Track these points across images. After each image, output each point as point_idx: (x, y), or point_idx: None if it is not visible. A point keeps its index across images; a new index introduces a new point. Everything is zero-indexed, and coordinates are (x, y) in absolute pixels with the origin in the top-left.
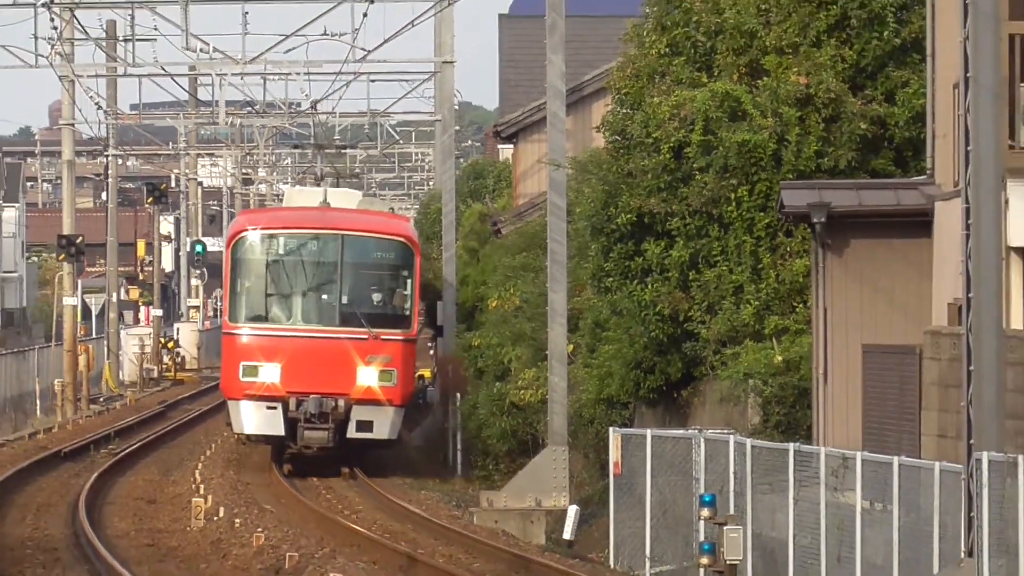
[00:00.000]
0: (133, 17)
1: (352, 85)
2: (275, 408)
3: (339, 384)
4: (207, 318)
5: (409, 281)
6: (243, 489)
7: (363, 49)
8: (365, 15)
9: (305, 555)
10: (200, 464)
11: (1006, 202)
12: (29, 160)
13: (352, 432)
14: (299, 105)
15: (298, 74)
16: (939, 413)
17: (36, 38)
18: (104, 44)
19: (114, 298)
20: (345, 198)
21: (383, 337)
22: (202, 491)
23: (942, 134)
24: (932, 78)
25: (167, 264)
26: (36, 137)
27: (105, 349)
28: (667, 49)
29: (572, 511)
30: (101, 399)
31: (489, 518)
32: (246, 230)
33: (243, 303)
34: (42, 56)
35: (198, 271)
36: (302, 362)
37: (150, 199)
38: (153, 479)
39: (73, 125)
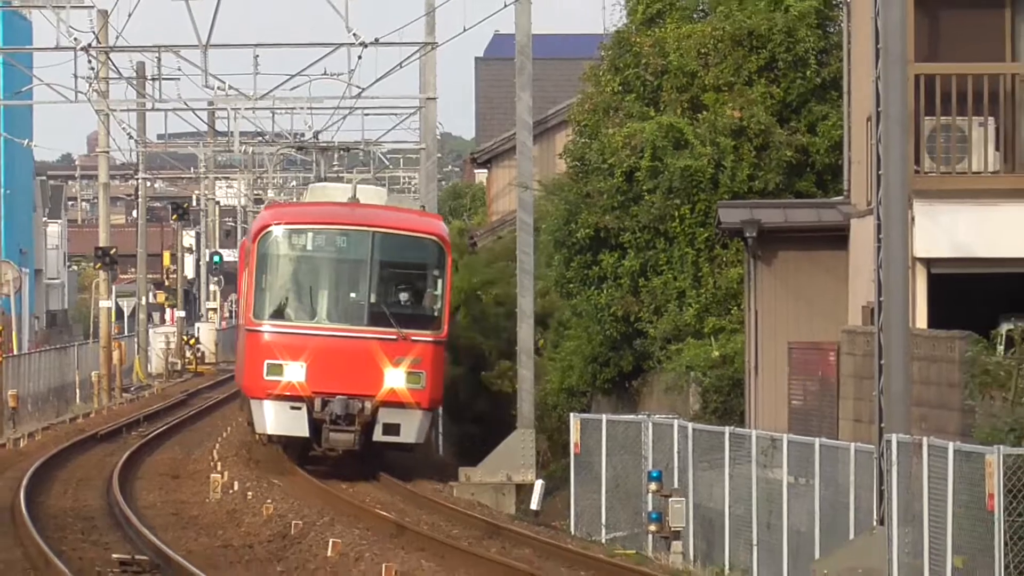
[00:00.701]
0: (159, 59)
1: (348, 118)
2: (299, 408)
3: (366, 385)
4: (223, 319)
5: (440, 281)
6: (255, 466)
7: (358, 87)
8: (360, 57)
9: (308, 523)
10: (217, 444)
11: (912, 219)
12: (70, 182)
13: (378, 435)
14: (303, 135)
15: (302, 108)
16: (854, 401)
17: (76, 77)
18: (135, 82)
19: (143, 301)
20: (373, 195)
21: (412, 338)
22: (219, 468)
23: (857, 161)
24: (848, 112)
25: (189, 272)
26: (76, 162)
27: (135, 345)
28: (620, 87)
29: (538, 485)
30: (132, 388)
31: (466, 491)
32: (272, 225)
33: (268, 300)
34: (81, 93)
35: (216, 278)
36: (328, 362)
37: (174, 216)
38: (177, 457)
39: (108, 152)
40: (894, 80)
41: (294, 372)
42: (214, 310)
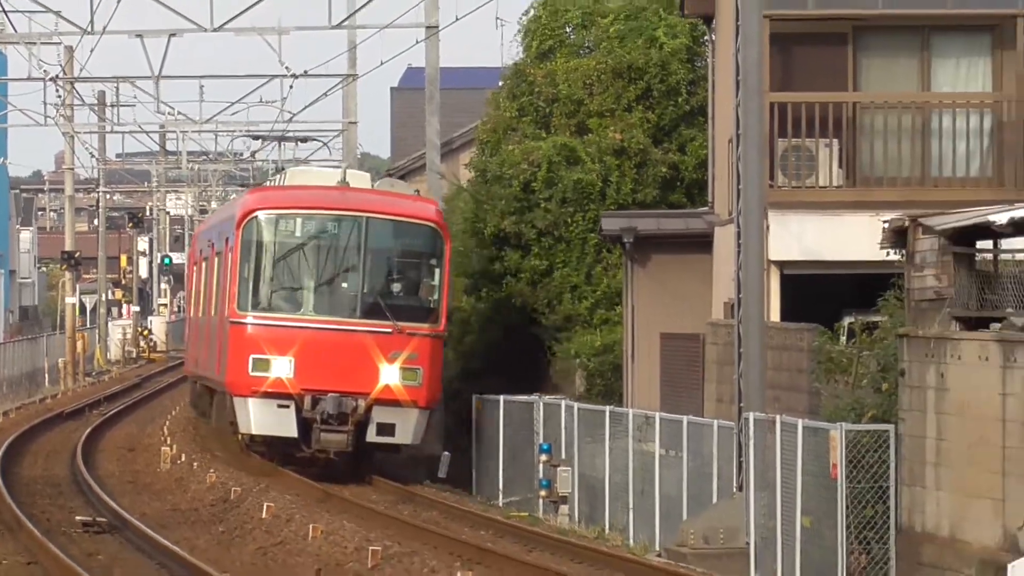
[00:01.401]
0: (118, 89)
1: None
2: (287, 407)
3: (359, 382)
4: (173, 313)
5: (438, 271)
6: (200, 440)
7: (290, 112)
8: (291, 87)
9: (246, 490)
10: (167, 421)
11: (767, 227)
12: (40, 195)
13: (372, 436)
14: (242, 154)
15: (241, 131)
16: (717, 384)
17: (45, 104)
18: (96, 108)
19: (103, 298)
20: (360, 180)
21: (408, 331)
22: (169, 442)
23: (720, 176)
24: (713, 135)
25: (143, 272)
26: (45, 177)
27: (96, 336)
28: (516, 112)
29: (445, 457)
30: (93, 373)
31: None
32: (258, 210)
33: (253, 290)
34: (50, 117)
35: (166, 278)
36: (319, 357)
37: (130, 224)
38: (132, 432)
39: (72, 169)
40: (752, 107)
41: (281, 368)
42: (164, 305)
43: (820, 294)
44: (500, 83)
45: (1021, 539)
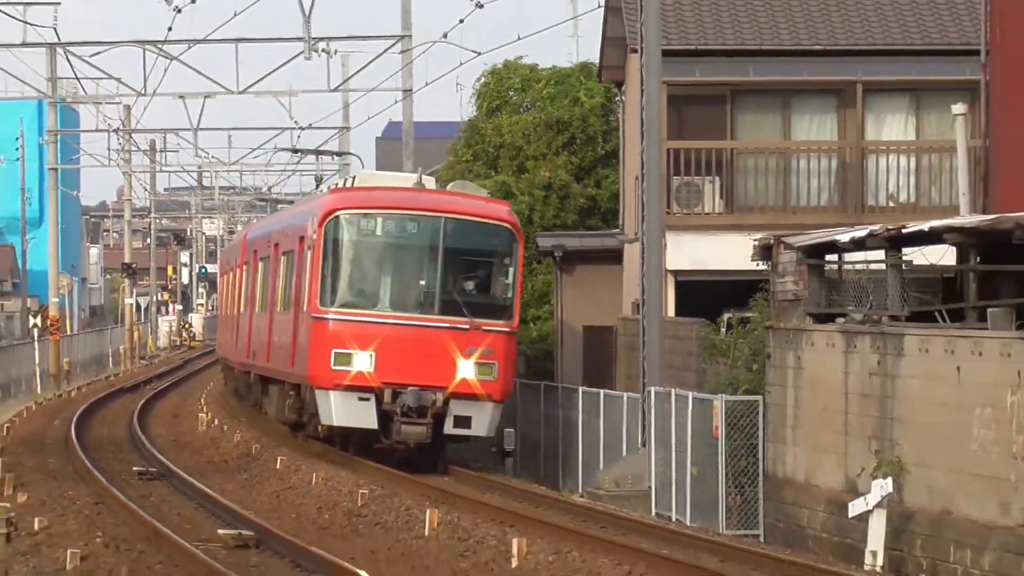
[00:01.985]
0: (165, 138)
1: (292, 178)
2: (368, 399)
3: (438, 376)
4: (208, 311)
5: (511, 270)
6: (229, 409)
7: (299, 158)
8: (299, 136)
9: (264, 447)
10: (203, 394)
11: (664, 245)
12: (104, 220)
13: (449, 428)
14: (261, 188)
15: (262, 170)
16: (627, 365)
17: (109, 150)
18: (148, 153)
19: (154, 299)
20: (430, 182)
21: (484, 328)
22: (205, 410)
23: (628, 206)
24: (623, 173)
25: (184, 279)
26: (108, 206)
27: (148, 328)
28: (471, 157)
29: (508, 433)
30: (146, 357)
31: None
32: (340, 210)
33: (336, 287)
34: (113, 160)
35: (203, 284)
36: (399, 352)
37: (175, 242)
38: (176, 403)
39: (130, 200)
40: (653, 152)
41: (363, 362)
42: (202, 304)
43: (705, 296)
44: (458, 134)
45: (859, 483)
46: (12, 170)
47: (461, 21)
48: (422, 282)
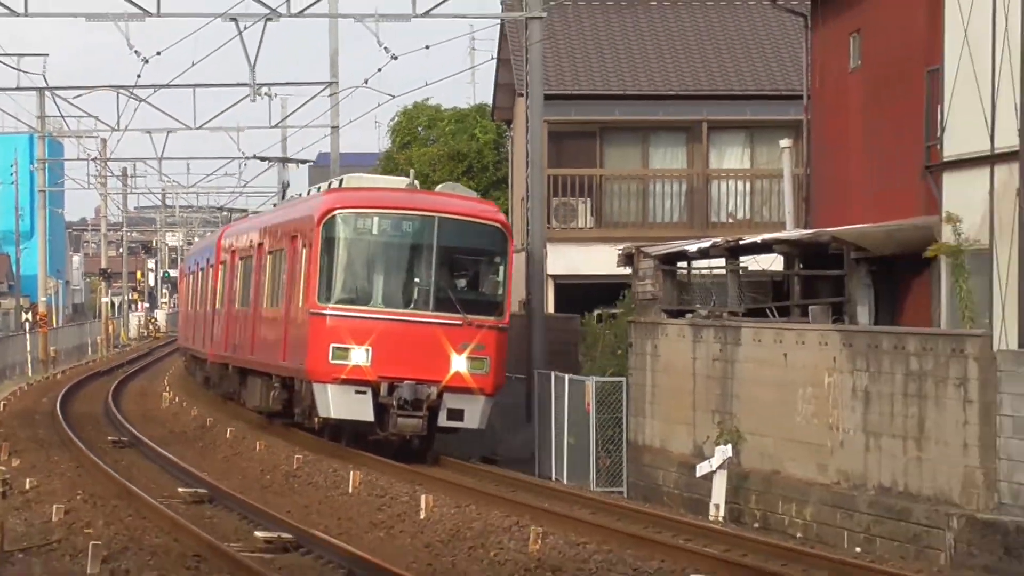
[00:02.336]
0: (135, 166)
1: (239, 199)
2: (364, 393)
3: (432, 370)
4: (169, 308)
5: (502, 268)
6: (189, 389)
7: (245, 181)
8: (245, 165)
9: (216, 420)
10: (167, 377)
11: (546, 254)
12: (84, 232)
13: (443, 420)
14: (220, 208)
15: (215, 193)
16: (517, 351)
17: (88, 175)
18: (120, 178)
19: (125, 298)
20: (420, 185)
21: (477, 324)
22: (168, 390)
23: (516, 222)
24: (511, 196)
25: (151, 282)
26: (88, 221)
27: (121, 322)
28: None
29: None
30: (119, 346)
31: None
32: (338, 209)
33: (333, 284)
34: (92, 184)
35: (166, 286)
36: (394, 347)
37: (143, 251)
38: (144, 384)
39: (106, 216)
40: (536, 178)
41: (359, 356)
42: (165, 303)
43: (579, 296)
44: (377, 163)
45: (704, 449)
46: (7, 192)
47: (379, 70)
48: (417, 279)
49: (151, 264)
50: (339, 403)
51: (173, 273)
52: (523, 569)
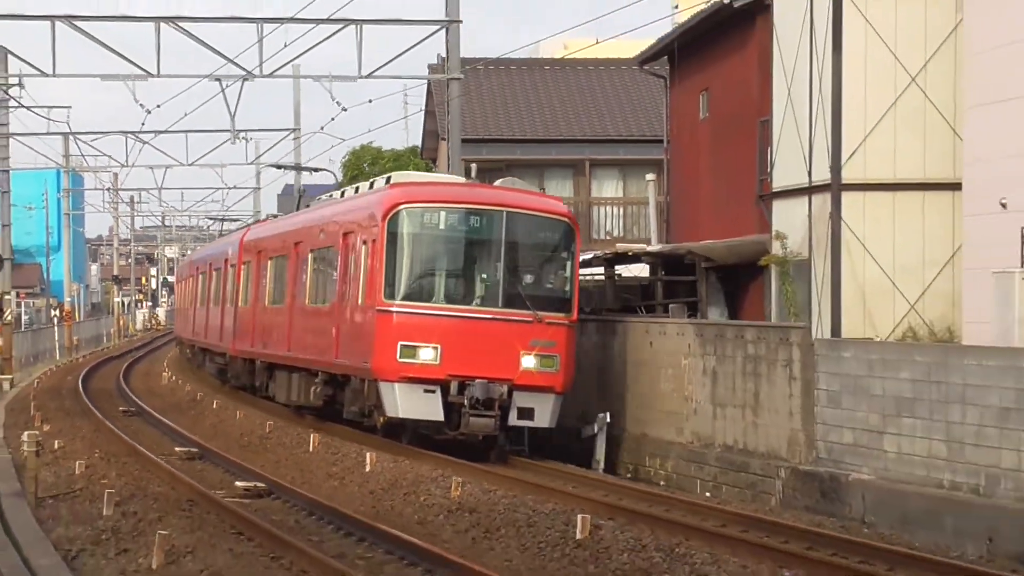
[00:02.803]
0: (140, 194)
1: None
2: (433, 392)
3: (503, 368)
4: (168, 306)
5: (570, 263)
6: (184, 369)
7: (227, 207)
8: (227, 193)
9: (204, 394)
10: (166, 360)
11: None
12: (101, 247)
13: (513, 419)
14: (207, 228)
15: (204, 216)
16: None
17: (103, 201)
18: (129, 203)
19: (133, 298)
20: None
21: (547, 320)
22: (167, 370)
23: None
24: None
25: (153, 285)
26: (103, 237)
27: (130, 317)
28: None
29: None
30: (127, 336)
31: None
32: (404, 204)
33: (400, 280)
34: (107, 209)
35: (165, 288)
36: (464, 344)
37: (147, 261)
38: (148, 366)
39: (117, 234)
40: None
41: (428, 354)
42: (164, 302)
43: None
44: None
45: (588, 417)
46: (39, 215)
47: (332, 119)
48: (485, 275)
49: (153, 271)
50: (407, 402)
51: (170, 278)
52: (446, 511)
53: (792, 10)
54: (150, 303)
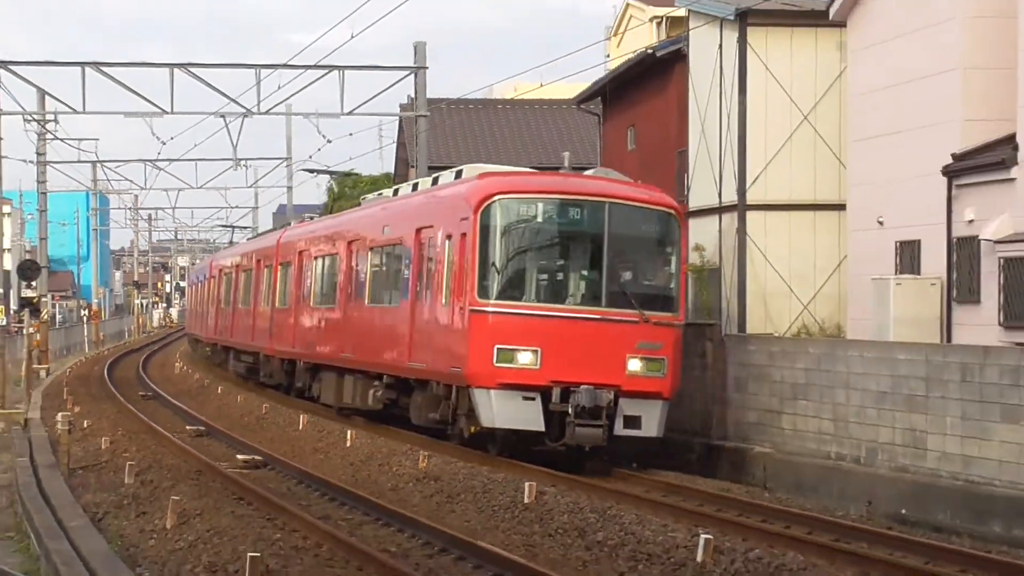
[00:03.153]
0: (156, 213)
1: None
2: (533, 399)
3: (607, 373)
4: (180, 307)
5: (674, 258)
6: (192, 360)
7: (232, 225)
8: (228, 213)
9: (210, 381)
10: (178, 352)
11: None
12: (124, 257)
13: (619, 429)
14: (214, 240)
15: (207, 230)
16: None
17: (125, 218)
18: (147, 220)
19: (151, 301)
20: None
21: (654, 321)
22: (179, 360)
23: None
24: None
25: (168, 290)
26: (125, 249)
27: (148, 316)
28: None
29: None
30: (146, 333)
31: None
32: (498, 195)
33: (495, 278)
34: (128, 224)
35: (178, 292)
36: (566, 347)
37: (162, 269)
38: (162, 358)
39: (137, 246)
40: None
41: (527, 358)
42: (177, 303)
43: None
44: (319, 212)
45: None
46: (72, 230)
47: (319, 149)
48: (586, 272)
49: (167, 277)
50: (505, 411)
51: (183, 283)
52: (415, 479)
53: (704, 59)
54: (164, 304)
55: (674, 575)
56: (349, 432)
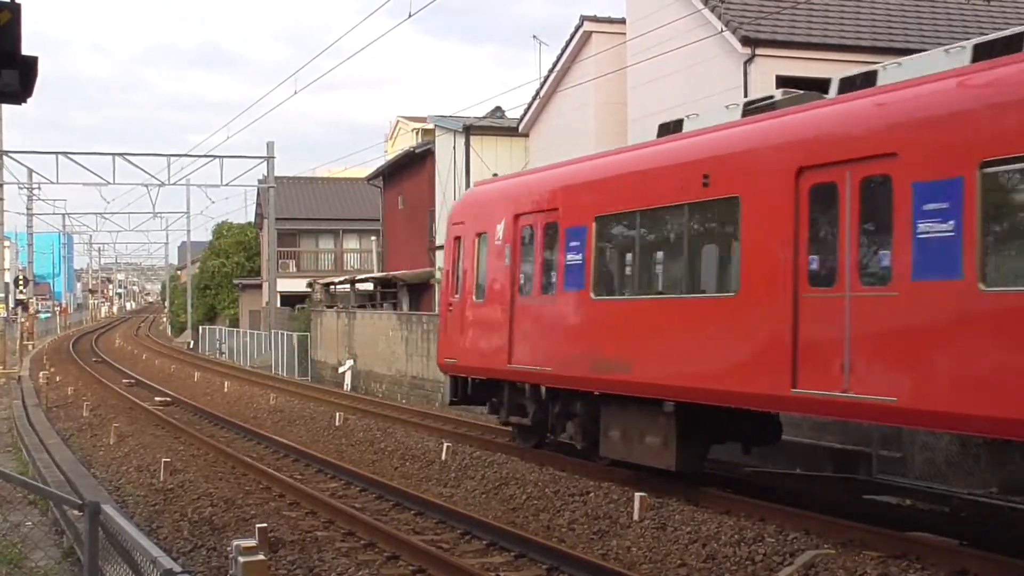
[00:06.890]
0: (103, 247)
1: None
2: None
3: None
4: (120, 305)
5: None
6: (124, 335)
7: (150, 253)
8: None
9: (177, 368)
10: (116, 333)
11: (275, 281)
12: (82, 274)
13: None
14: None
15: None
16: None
17: (86, 250)
18: (99, 251)
19: (99, 301)
20: None
21: None
22: (118, 339)
23: (265, 269)
24: (263, 259)
25: (111, 294)
26: (84, 269)
27: (98, 311)
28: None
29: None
30: (96, 320)
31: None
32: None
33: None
34: (87, 253)
35: (118, 295)
36: None
37: (107, 281)
38: (108, 336)
39: (90, 267)
40: (272, 253)
41: None
42: (117, 302)
43: (291, 301)
44: (203, 250)
45: (341, 360)
46: (49, 257)
47: (206, 208)
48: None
49: (111, 287)
50: None
51: (120, 291)
52: (268, 411)
53: (446, 153)
54: (109, 304)
55: (428, 468)
56: (226, 383)
